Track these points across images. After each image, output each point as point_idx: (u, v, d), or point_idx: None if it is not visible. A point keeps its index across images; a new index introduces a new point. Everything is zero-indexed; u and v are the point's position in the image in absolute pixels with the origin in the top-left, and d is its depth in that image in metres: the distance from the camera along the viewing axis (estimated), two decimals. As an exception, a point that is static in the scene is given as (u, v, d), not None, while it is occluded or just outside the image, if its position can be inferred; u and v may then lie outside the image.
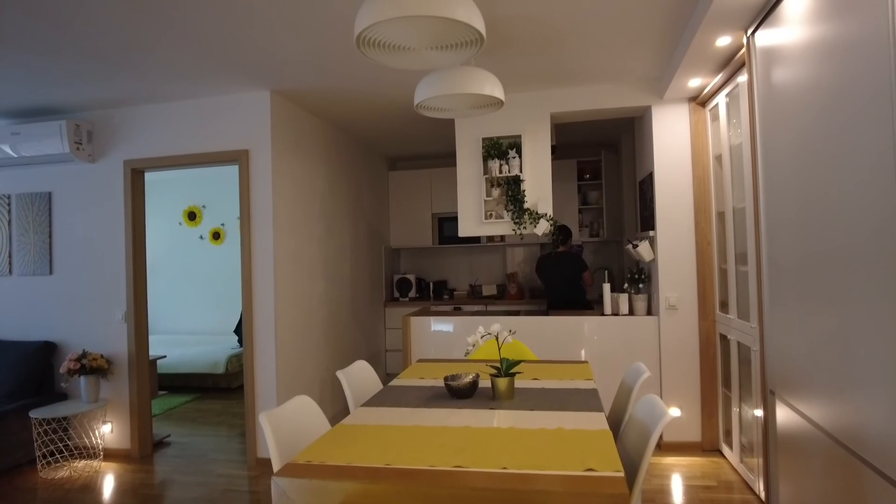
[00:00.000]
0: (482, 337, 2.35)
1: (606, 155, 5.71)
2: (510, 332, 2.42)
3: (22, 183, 4.29)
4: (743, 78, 2.84)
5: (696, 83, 3.46)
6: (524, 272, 6.29)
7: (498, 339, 2.35)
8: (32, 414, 3.68)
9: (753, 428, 3.00)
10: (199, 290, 7.11)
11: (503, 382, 2.25)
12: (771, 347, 2.44)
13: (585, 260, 4.86)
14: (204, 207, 7.10)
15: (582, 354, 3.97)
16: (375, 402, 2.30)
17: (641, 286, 4.07)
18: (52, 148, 3.92)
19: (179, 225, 7.15)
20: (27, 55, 3.04)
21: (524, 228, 4.00)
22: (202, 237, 7.12)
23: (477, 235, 4.26)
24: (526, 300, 5.84)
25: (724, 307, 3.59)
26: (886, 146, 1.44)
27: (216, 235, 7.05)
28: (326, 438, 1.84)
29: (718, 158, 3.59)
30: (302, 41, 3.00)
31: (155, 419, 4.79)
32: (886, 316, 1.46)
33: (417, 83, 2.51)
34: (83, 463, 3.90)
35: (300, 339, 4.14)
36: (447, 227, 6.26)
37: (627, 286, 4.10)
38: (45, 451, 3.83)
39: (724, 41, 2.74)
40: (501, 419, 2.00)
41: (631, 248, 4.12)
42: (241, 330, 5.75)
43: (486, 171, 4.10)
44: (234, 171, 5.41)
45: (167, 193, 7.10)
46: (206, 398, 5.78)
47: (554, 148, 4.18)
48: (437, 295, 6.27)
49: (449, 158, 5.66)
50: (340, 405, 4.68)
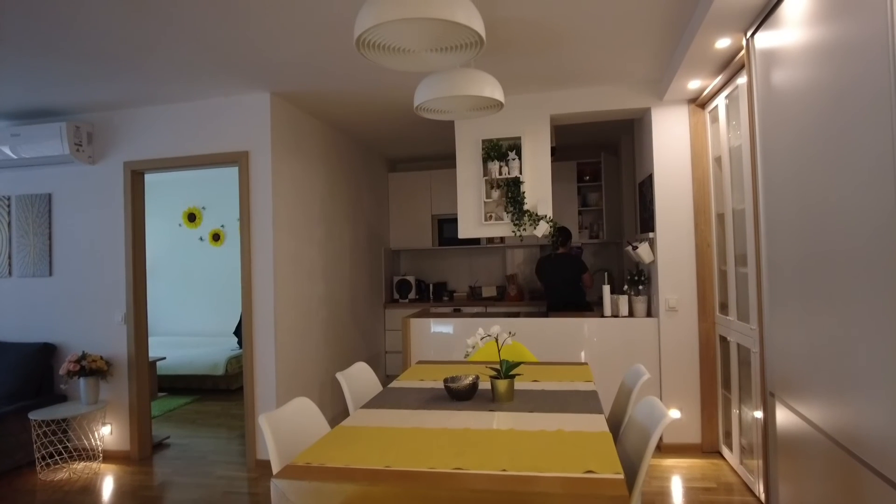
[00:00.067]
0: (482, 339, 2.35)
1: (606, 156, 5.71)
2: (510, 333, 2.42)
3: (22, 184, 4.29)
4: (742, 80, 2.84)
5: (695, 85, 3.46)
6: (524, 274, 6.29)
7: (498, 340, 2.35)
8: (32, 415, 3.68)
9: (753, 430, 3.00)
10: (198, 291, 7.11)
11: (503, 384, 2.25)
12: (771, 349, 2.44)
13: (585, 262, 4.86)
14: (204, 209, 7.10)
15: (582, 356, 3.97)
16: (375, 403, 2.30)
17: (641, 288, 4.08)
18: (52, 149, 3.93)
19: (179, 226, 7.15)
20: (27, 57, 3.05)
21: (524, 230, 4.00)
22: (202, 239, 7.12)
23: (477, 237, 4.27)
24: (526, 302, 5.84)
25: (723, 309, 3.59)
26: (886, 148, 1.44)
27: (216, 237, 7.04)
28: (326, 440, 1.84)
29: (718, 160, 3.59)
30: (301, 43, 3.01)
31: (154, 421, 4.78)
32: (886, 317, 1.46)
33: (417, 85, 2.52)
34: (82, 465, 3.90)
35: (300, 340, 4.14)
36: (447, 228, 6.26)
37: (627, 288, 4.10)
38: (44, 452, 3.82)
39: (723, 43, 2.74)
40: (501, 421, 2.00)
41: (631, 249, 4.12)
42: (240, 331, 5.76)
43: (485, 172, 4.11)
44: (234, 172, 5.41)
45: (167, 195, 7.09)
46: (205, 400, 5.77)
47: (553, 150, 4.18)
48: (436, 296, 6.27)
49: (449, 160, 5.66)
50: (340, 407, 4.68)
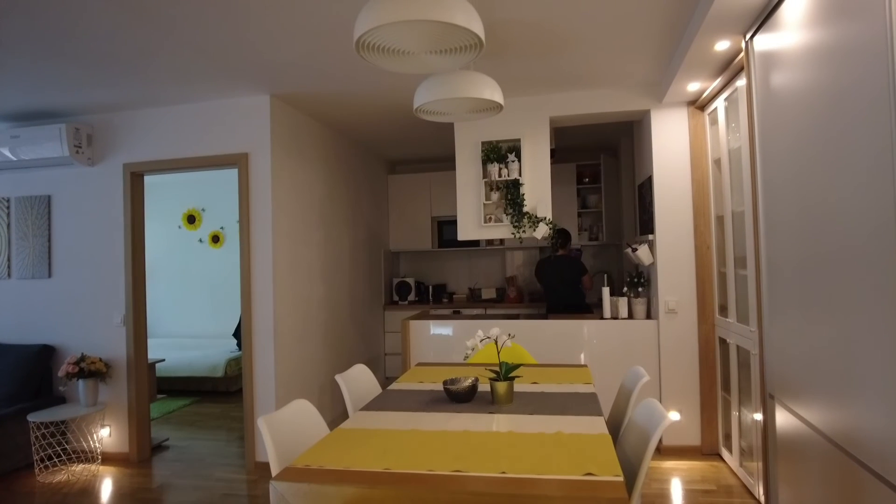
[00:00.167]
0: (481, 341, 2.35)
1: (606, 159, 5.72)
2: (509, 335, 2.42)
3: (21, 186, 4.29)
4: (742, 82, 2.85)
5: (694, 87, 3.47)
6: (523, 276, 6.29)
7: (497, 342, 2.35)
8: (31, 417, 3.67)
9: (753, 432, 3.00)
10: (198, 293, 7.10)
11: (502, 386, 2.25)
12: (770, 351, 2.43)
13: (585, 263, 4.86)
14: (203, 211, 7.10)
15: (581, 358, 3.96)
16: (374, 406, 2.30)
17: (641, 290, 4.07)
18: (51, 151, 3.93)
19: (179, 228, 7.14)
20: (28, 60, 3.05)
21: (523, 232, 4.00)
22: (201, 240, 7.11)
23: (476, 239, 4.26)
24: (525, 304, 5.84)
25: (723, 311, 3.59)
26: (884, 149, 1.44)
27: (215, 239, 7.04)
28: (325, 442, 1.84)
29: (717, 162, 3.60)
30: (301, 45, 3.01)
31: (153, 423, 4.77)
32: (885, 319, 1.46)
33: (417, 87, 2.52)
34: (81, 467, 3.89)
35: (299, 342, 4.13)
36: (446, 230, 6.26)
37: (627, 290, 4.10)
38: (43, 454, 3.81)
39: (722, 45, 2.75)
40: (500, 423, 2.00)
41: (630, 251, 4.12)
42: (240, 333, 5.76)
43: (485, 174, 4.11)
44: (233, 174, 5.38)
45: (167, 197, 7.09)
46: (204, 402, 5.77)
47: (553, 152, 4.18)
48: (436, 298, 6.26)
49: (448, 162, 5.64)
50: (339, 409, 4.67)
